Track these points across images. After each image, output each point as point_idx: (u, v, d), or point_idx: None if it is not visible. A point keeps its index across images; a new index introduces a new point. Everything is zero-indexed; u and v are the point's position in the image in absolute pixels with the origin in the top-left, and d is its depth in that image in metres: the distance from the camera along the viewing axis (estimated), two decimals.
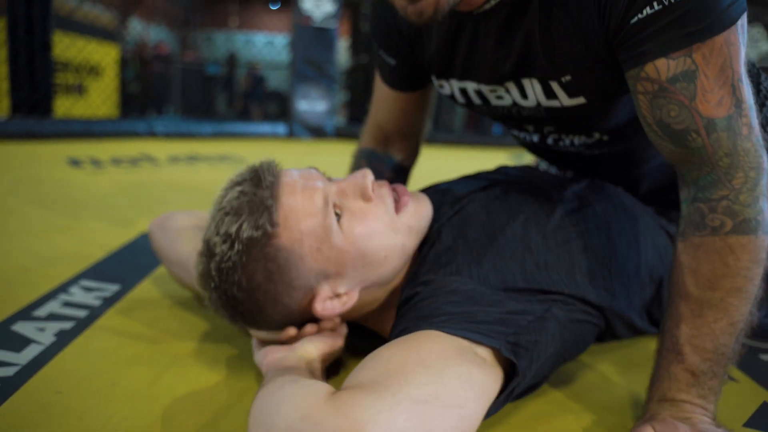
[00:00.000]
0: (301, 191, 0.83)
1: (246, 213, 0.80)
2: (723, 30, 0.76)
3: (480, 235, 0.95)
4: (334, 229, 0.83)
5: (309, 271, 0.83)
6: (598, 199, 1.08)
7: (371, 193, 0.87)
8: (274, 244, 0.80)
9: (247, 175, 0.84)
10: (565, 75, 0.91)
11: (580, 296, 0.93)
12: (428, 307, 0.84)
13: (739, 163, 0.78)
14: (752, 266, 0.78)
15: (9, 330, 1.06)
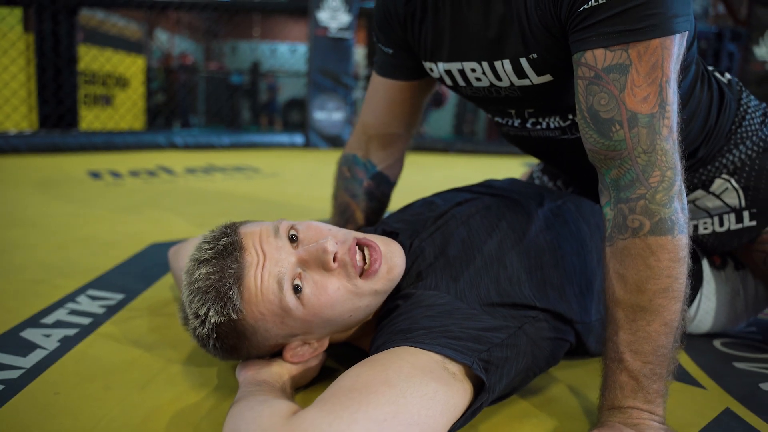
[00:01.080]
0: (261, 272, 0.86)
1: (212, 299, 0.85)
2: (661, 35, 0.82)
3: (459, 252, 0.99)
4: (293, 306, 0.86)
5: (277, 335, 0.90)
6: (573, 217, 1.11)
7: (332, 264, 0.87)
8: (240, 323, 0.86)
9: (212, 255, 0.87)
10: (532, 53, 0.96)
11: (552, 309, 0.97)
12: (406, 321, 0.89)
13: (657, 161, 0.83)
14: (674, 265, 0.82)
15: (17, 336, 1.15)
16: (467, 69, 1.06)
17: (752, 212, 1.14)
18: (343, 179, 1.34)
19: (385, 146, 1.33)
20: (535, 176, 1.55)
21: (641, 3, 0.81)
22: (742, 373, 1.14)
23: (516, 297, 0.95)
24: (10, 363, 1.03)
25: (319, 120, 5.69)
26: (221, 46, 20.07)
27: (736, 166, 1.15)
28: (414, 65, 1.19)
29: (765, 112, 1.19)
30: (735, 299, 1.25)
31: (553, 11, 0.89)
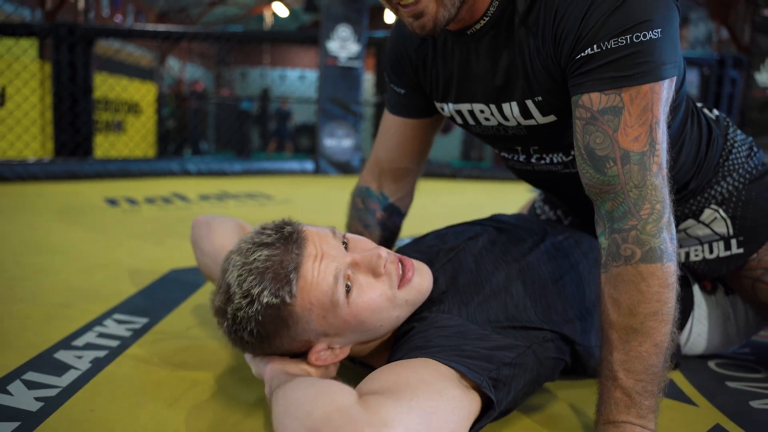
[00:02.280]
0: (318, 265, 0.91)
1: (269, 280, 0.89)
2: (651, 81, 0.90)
3: (469, 282, 1.08)
4: (341, 303, 0.91)
5: (312, 331, 0.94)
6: (573, 252, 1.19)
7: (382, 270, 0.95)
8: (288, 309, 0.90)
9: (276, 239, 0.92)
10: (537, 96, 1.05)
11: (557, 331, 1.05)
12: (421, 339, 0.97)
13: (647, 195, 0.91)
14: (663, 290, 0.90)
15: (52, 357, 1.23)
16: (476, 110, 1.15)
17: (740, 240, 1.22)
18: (357, 210, 1.42)
19: (396, 180, 1.41)
20: (537, 206, 1.63)
21: (633, 52, 0.89)
22: (734, 392, 1.21)
23: (524, 321, 1.03)
24: (47, 382, 1.11)
25: (328, 147, 5.80)
26: (231, 73, 20.37)
27: (724, 197, 1.23)
28: (424, 104, 1.28)
29: (751, 146, 1.27)
30: (726, 323, 1.32)
31: (554, 58, 0.98)
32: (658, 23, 0.89)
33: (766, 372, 1.32)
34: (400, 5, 0.95)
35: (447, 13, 0.96)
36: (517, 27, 1.01)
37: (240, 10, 19.69)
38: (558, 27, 0.95)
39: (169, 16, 18.70)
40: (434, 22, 0.96)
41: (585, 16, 0.91)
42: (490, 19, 1.02)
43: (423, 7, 0.94)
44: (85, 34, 5.46)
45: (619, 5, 0.89)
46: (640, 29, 0.89)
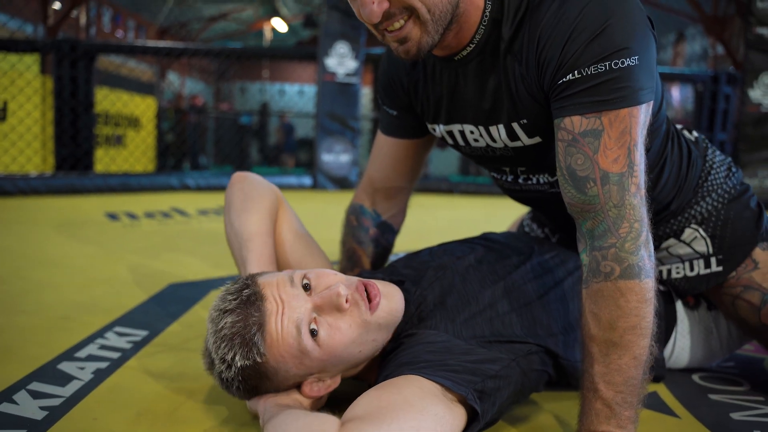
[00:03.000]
0: (280, 319, 0.95)
1: (237, 345, 0.94)
2: (629, 105, 0.95)
3: (456, 301, 1.13)
4: (310, 348, 0.95)
5: (295, 376, 0.99)
6: (558, 270, 1.24)
7: (345, 306, 0.97)
8: (263, 366, 0.96)
9: (237, 306, 0.96)
10: (523, 119, 1.10)
11: (542, 345, 1.10)
12: (409, 355, 1.01)
13: (626, 215, 0.95)
14: (641, 306, 0.94)
15: (55, 368, 1.27)
16: (466, 131, 1.20)
17: (719, 258, 1.27)
18: (351, 227, 1.47)
19: (389, 198, 1.46)
20: (525, 223, 1.68)
21: (612, 77, 0.94)
22: (716, 404, 1.25)
23: (509, 335, 1.08)
24: (51, 392, 1.15)
25: (326, 162, 5.86)
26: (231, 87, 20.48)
27: (703, 217, 1.28)
28: (416, 125, 1.33)
29: (729, 167, 1.32)
30: (709, 337, 1.36)
31: (538, 83, 1.03)
32: (635, 51, 0.94)
33: (748, 385, 1.36)
34: (386, 31, 1.00)
35: (430, 39, 1.00)
36: (502, 53, 1.06)
37: (240, 26, 19.84)
38: (541, 53, 1.00)
39: (170, 31, 18.83)
40: (418, 47, 1.00)
41: (566, 43, 0.96)
42: (476, 45, 1.07)
43: (406, 32, 0.98)
44: (87, 50, 5.53)
45: (598, 33, 0.94)
46: (618, 56, 0.94)
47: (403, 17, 0.96)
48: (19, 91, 5.33)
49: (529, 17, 1.01)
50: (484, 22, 1.05)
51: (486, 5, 1.04)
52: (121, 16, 16.92)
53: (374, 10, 0.94)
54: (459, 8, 1.01)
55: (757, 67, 5.44)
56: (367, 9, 0.94)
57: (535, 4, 1.01)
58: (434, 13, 0.97)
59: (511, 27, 1.04)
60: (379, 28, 1.00)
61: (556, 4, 0.98)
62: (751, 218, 1.28)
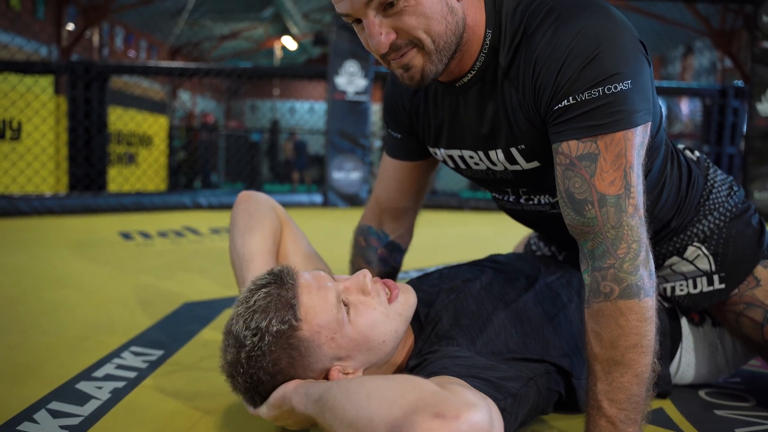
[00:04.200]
0: (316, 291, 0.99)
1: (273, 310, 0.95)
2: (624, 128, 0.98)
3: (471, 322, 1.15)
4: (345, 321, 0.99)
5: (324, 356, 0.99)
6: (565, 291, 1.27)
7: (369, 288, 1.04)
8: (297, 335, 0.96)
9: (271, 279, 1.00)
10: (521, 144, 1.13)
11: (556, 363, 1.12)
12: (437, 366, 1.03)
13: (623, 236, 0.98)
14: (641, 324, 0.97)
15: (74, 388, 1.31)
16: (466, 155, 1.23)
17: (721, 276, 1.29)
18: (359, 248, 1.50)
19: (396, 218, 1.49)
20: (532, 242, 1.71)
21: (606, 102, 0.97)
22: (722, 420, 1.26)
23: (525, 353, 1.10)
24: (70, 411, 1.19)
25: (337, 179, 5.91)
26: (241, 105, 20.67)
27: (706, 235, 1.30)
28: (420, 148, 1.36)
29: (731, 185, 1.35)
30: (714, 353, 1.38)
31: (535, 108, 1.06)
32: (627, 75, 0.97)
33: (754, 400, 1.37)
34: (389, 58, 1.03)
35: (434, 68, 1.03)
36: (500, 80, 1.09)
37: (251, 44, 20.06)
38: (537, 80, 1.03)
39: (182, 50, 19.06)
40: (422, 74, 1.04)
41: (561, 69, 0.99)
42: (476, 72, 1.11)
43: (408, 60, 1.02)
44: (101, 72, 5.63)
45: (591, 60, 0.97)
46: (611, 81, 0.97)
47: (408, 48, 1.00)
48: (35, 112, 5.42)
49: (525, 44, 1.05)
50: (484, 50, 1.09)
51: (486, 33, 1.08)
52: (133, 37, 17.16)
53: (382, 42, 0.97)
54: (463, 38, 1.05)
55: (764, 81, 5.45)
56: (375, 40, 0.97)
57: (530, 32, 1.04)
58: (438, 44, 1.00)
59: (507, 54, 1.07)
60: (384, 55, 1.03)
61: (551, 32, 1.01)
62: (753, 236, 1.30)
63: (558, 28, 1.00)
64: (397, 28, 0.97)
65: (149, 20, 16.26)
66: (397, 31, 0.98)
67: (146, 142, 7.22)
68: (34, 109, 5.42)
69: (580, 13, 1.00)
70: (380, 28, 0.97)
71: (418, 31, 0.98)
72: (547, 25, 1.02)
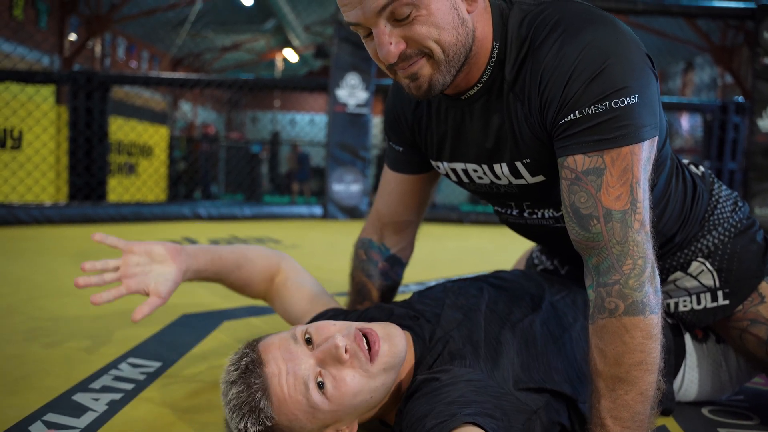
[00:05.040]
0: (285, 379, 0.96)
1: (246, 413, 0.95)
2: (630, 143, 0.97)
3: (481, 342, 1.13)
4: (320, 402, 0.96)
5: (312, 429, 0.99)
6: (570, 310, 1.26)
7: (344, 357, 0.97)
8: (277, 427, 0.96)
9: (238, 377, 0.98)
10: (526, 158, 1.11)
11: (558, 390, 1.10)
12: (454, 393, 0.99)
13: (629, 251, 0.96)
14: (646, 342, 0.95)
15: (70, 399, 1.29)
16: (470, 169, 1.22)
17: (725, 292, 1.28)
18: (360, 261, 1.49)
19: (397, 232, 1.48)
20: (534, 256, 1.70)
21: (613, 116, 0.96)
22: None
23: (528, 382, 1.08)
24: (66, 423, 1.17)
25: (337, 192, 5.91)
26: (242, 116, 20.72)
27: (710, 250, 1.29)
28: (422, 161, 1.35)
29: (735, 201, 1.34)
30: (718, 370, 1.37)
31: (541, 122, 1.05)
32: (635, 89, 0.96)
33: (758, 419, 1.35)
34: (396, 67, 1.01)
35: (443, 78, 1.02)
36: (506, 93, 1.08)
37: (252, 56, 20.16)
38: (543, 94, 1.02)
39: (184, 61, 19.14)
40: (429, 85, 1.02)
41: (567, 83, 0.98)
42: (483, 85, 1.09)
43: (417, 69, 1.00)
44: (102, 82, 5.64)
45: (598, 74, 0.96)
46: (618, 95, 0.96)
47: (418, 57, 0.98)
48: (36, 122, 5.43)
49: (531, 57, 1.03)
50: (491, 63, 1.07)
51: (494, 46, 1.07)
52: (135, 47, 17.24)
53: (391, 51, 0.95)
54: (472, 50, 1.03)
55: (765, 97, 5.46)
56: (384, 50, 0.95)
57: (536, 45, 1.03)
58: (449, 54, 0.99)
59: (513, 67, 1.06)
60: (393, 68, 1.01)
61: (557, 45, 1.00)
62: (758, 252, 1.29)
63: (565, 41, 0.99)
64: (408, 38, 0.96)
65: (151, 31, 16.35)
66: (408, 41, 0.96)
67: (147, 152, 7.22)
68: (36, 118, 5.43)
69: (588, 27, 0.99)
70: (390, 37, 0.95)
71: (428, 41, 0.96)
72: (554, 37, 1.01)
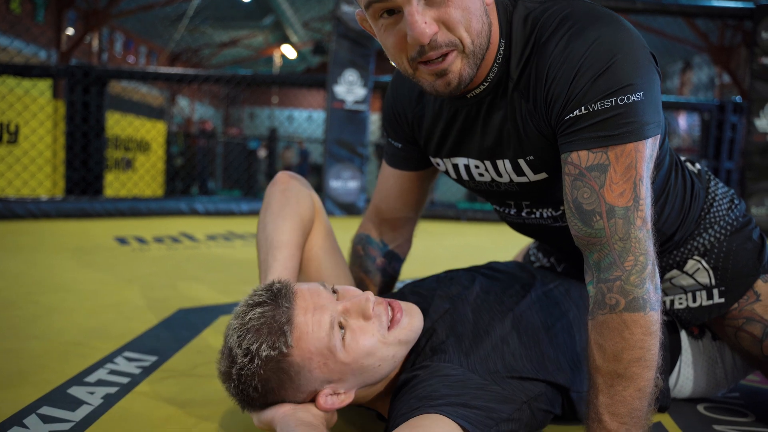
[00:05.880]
0: (311, 314, 0.96)
1: (265, 334, 0.93)
2: (634, 140, 0.97)
3: (467, 332, 1.13)
4: (338, 348, 0.96)
5: (315, 380, 0.97)
6: (563, 299, 1.25)
7: (371, 313, 0.99)
8: (288, 360, 0.94)
9: (267, 297, 0.97)
10: (529, 155, 1.12)
11: (551, 380, 1.10)
12: (428, 388, 1.01)
13: (631, 248, 0.97)
14: (646, 338, 0.95)
15: (65, 393, 1.29)
16: (471, 165, 1.22)
17: (721, 290, 1.28)
18: (358, 257, 1.49)
19: (396, 228, 1.48)
20: (531, 253, 1.70)
21: (618, 113, 0.96)
22: None
23: (521, 371, 1.08)
24: (61, 417, 1.17)
25: (334, 188, 5.90)
26: (240, 112, 20.69)
27: (706, 248, 1.29)
28: (421, 157, 1.35)
29: (732, 198, 1.34)
30: (714, 367, 1.37)
31: (546, 118, 1.05)
32: (640, 86, 0.97)
33: (753, 416, 1.36)
34: (421, 64, 0.99)
35: (471, 71, 1.01)
36: (510, 91, 1.08)
37: (250, 52, 20.12)
38: (549, 90, 1.02)
39: (181, 57, 19.09)
40: (459, 80, 1.01)
41: (573, 80, 0.98)
42: (489, 84, 1.09)
43: (448, 64, 0.98)
44: (99, 76, 5.62)
45: (604, 70, 0.96)
46: (624, 92, 0.96)
47: (448, 49, 0.97)
48: (33, 116, 5.41)
49: (537, 54, 1.03)
50: (498, 61, 1.07)
51: (500, 44, 1.07)
52: (133, 42, 17.19)
53: (426, 31, 0.93)
54: (489, 45, 1.03)
55: (763, 97, 5.47)
56: (418, 29, 0.92)
57: (542, 43, 1.03)
58: (476, 44, 0.99)
59: (518, 65, 1.06)
60: (414, 61, 0.99)
61: (564, 41, 1.00)
62: (753, 250, 1.29)
63: (572, 37, 0.99)
64: (441, 20, 0.94)
65: (149, 26, 16.30)
66: (440, 23, 0.94)
67: (144, 147, 7.20)
68: (32, 112, 5.41)
69: (594, 24, 0.99)
70: (423, 17, 0.93)
71: (460, 27, 0.95)
72: (560, 34, 1.01)
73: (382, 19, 0.97)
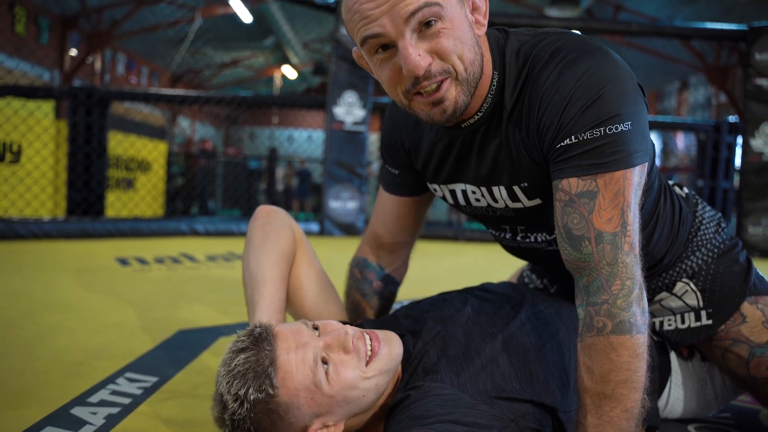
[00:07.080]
0: (294, 353, 1.00)
1: (251, 379, 0.97)
2: (623, 168, 1.01)
3: (459, 354, 1.16)
4: (323, 382, 1.00)
5: (305, 415, 1.01)
6: (552, 320, 1.28)
7: (350, 346, 1.03)
8: (275, 401, 0.98)
9: (248, 343, 1.01)
10: (524, 182, 1.16)
11: (538, 401, 1.12)
12: (420, 408, 1.04)
13: (618, 273, 1.00)
14: (632, 360, 0.98)
15: (68, 413, 1.32)
16: (468, 190, 1.26)
17: (709, 312, 1.31)
18: (355, 280, 1.52)
19: (392, 252, 1.51)
20: (525, 275, 1.73)
21: (606, 142, 1.00)
22: None
23: (509, 392, 1.10)
24: None
25: (333, 209, 5.94)
26: (240, 133, 20.80)
27: (694, 271, 1.33)
28: (417, 183, 1.39)
29: (719, 222, 1.38)
30: (703, 387, 1.40)
31: (538, 146, 1.09)
32: (627, 117, 1.01)
33: None
34: (417, 95, 1.03)
35: (465, 98, 1.05)
36: (505, 120, 1.12)
37: (251, 73, 20.27)
38: (540, 119, 1.06)
39: (183, 78, 19.24)
40: (454, 107, 1.05)
41: (564, 109, 1.02)
42: (483, 114, 1.13)
43: (443, 93, 1.02)
44: (102, 98, 5.68)
45: (594, 101, 1.01)
46: (612, 122, 1.00)
47: (442, 77, 1.01)
48: (36, 137, 5.47)
49: (531, 85, 1.08)
50: (492, 91, 1.11)
51: (494, 74, 1.11)
52: (135, 63, 17.33)
53: (420, 64, 0.96)
54: (481, 75, 1.07)
55: (757, 117, 5.53)
56: (412, 61, 0.96)
57: (535, 73, 1.07)
58: (469, 72, 1.03)
59: (512, 95, 1.10)
60: (409, 92, 1.03)
61: (556, 72, 1.04)
62: (740, 273, 1.33)
63: (563, 69, 1.04)
64: (434, 51, 0.98)
65: (151, 47, 16.45)
66: (433, 54, 0.98)
67: (145, 167, 7.26)
68: (36, 133, 5.47)
69: (585, 56, 1.04)
70: (416, 49, 0.97)
71: (453, 56, 0.99)
72: (552, 65, 1.05)
73: (378, 55, 1.01)
